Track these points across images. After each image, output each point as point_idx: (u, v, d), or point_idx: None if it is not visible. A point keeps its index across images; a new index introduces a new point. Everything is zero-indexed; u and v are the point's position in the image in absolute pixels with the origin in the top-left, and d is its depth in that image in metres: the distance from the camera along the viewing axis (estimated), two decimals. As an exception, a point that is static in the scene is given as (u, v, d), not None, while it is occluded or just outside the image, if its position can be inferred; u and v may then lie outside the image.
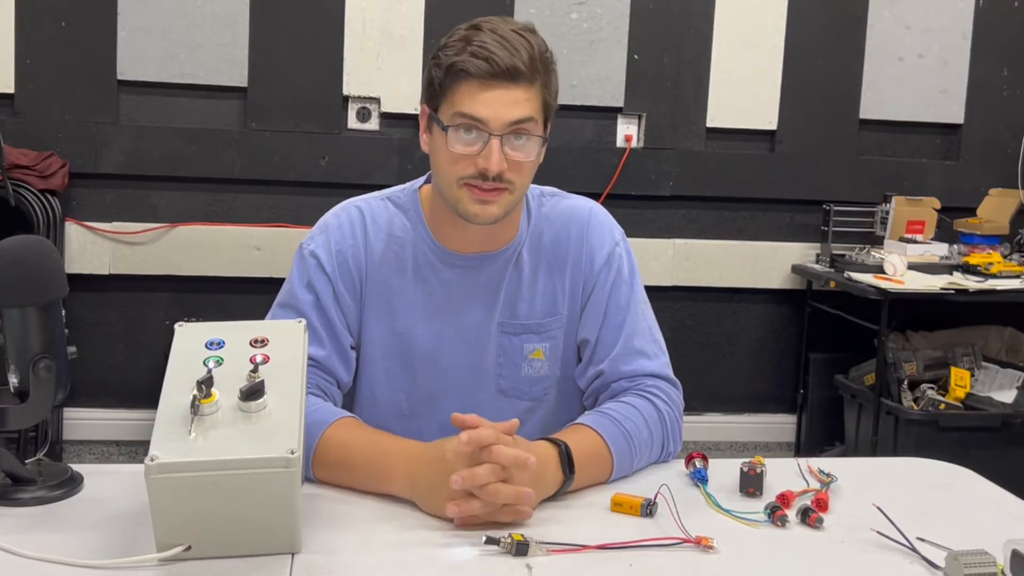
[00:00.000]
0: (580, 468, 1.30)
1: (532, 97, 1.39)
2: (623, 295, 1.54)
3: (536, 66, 1.39)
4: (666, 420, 1.47)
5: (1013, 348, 3.55)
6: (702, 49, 3.58)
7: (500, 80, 1.36)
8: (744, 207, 3.68)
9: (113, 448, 3.43)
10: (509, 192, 1.41)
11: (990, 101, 3.74)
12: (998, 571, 1.06)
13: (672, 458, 1.49)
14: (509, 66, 1.35)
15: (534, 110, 1.39)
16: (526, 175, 1.43)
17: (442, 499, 1.19)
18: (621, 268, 1.56)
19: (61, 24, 3.26)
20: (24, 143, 3.19)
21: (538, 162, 1.46)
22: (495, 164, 1.36)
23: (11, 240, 1.20)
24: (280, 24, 3.34)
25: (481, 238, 1.49)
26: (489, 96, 1.36)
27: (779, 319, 3.75)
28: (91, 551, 1.09)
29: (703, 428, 3.71)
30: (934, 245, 3.49)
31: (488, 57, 1.35)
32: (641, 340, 1.53)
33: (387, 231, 1.51)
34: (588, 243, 1.54)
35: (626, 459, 1.39)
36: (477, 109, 1.36)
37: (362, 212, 1.52)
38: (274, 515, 1.09)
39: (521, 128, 1.38)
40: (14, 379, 1.22)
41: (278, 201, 3.40)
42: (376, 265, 1.50)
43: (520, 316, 1.52)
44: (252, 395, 1.09)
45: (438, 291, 1.50)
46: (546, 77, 1.42)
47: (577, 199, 1.59)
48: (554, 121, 1.49)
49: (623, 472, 1.39)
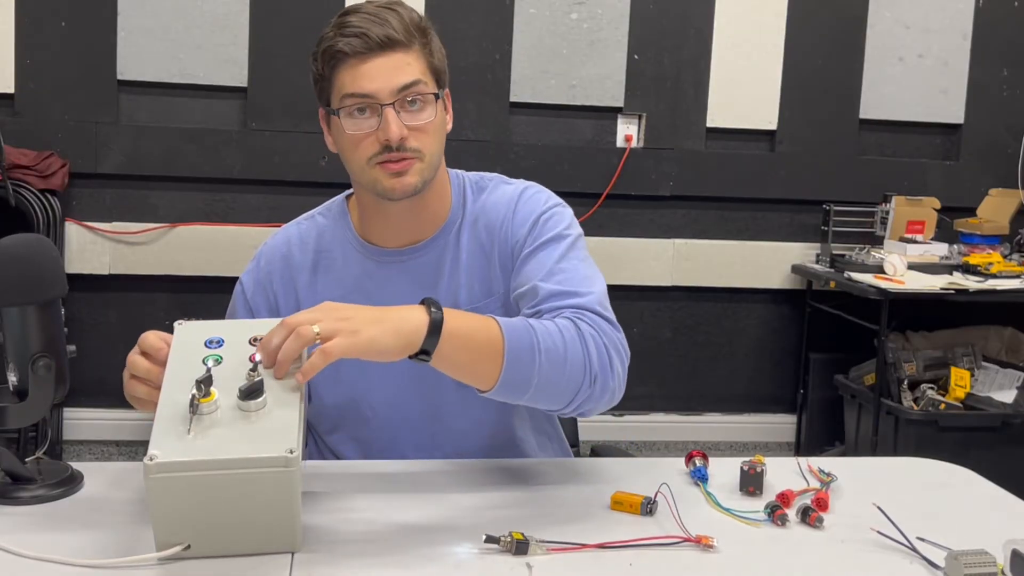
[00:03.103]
0: (454, 327, 1.18)
1: (413, 60, 1.39)
2: (550, 246, 1.44)
3: (410, 31, 1.39)
4: (587, 340, 1.29)
5: (1013, 348, 3.55)
6: (702, 49, 3.58)
7: (376, 51, 1.37)
8: (744, 207, 3.68)
9: (112, 448, 3.43)
10: (419, 160, 1.40)
11: (990, 101, 3.74)
12: (998, 571, 1.06)
13: (606, 395, 1.31)
14: (382, 36, 1.36)
15: (420, 72, 1.39)
16: (432, 139, 1.41)
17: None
18: (549, 228, 1.47)
19: (61, 24, 3.26)
20: (24, 143, 3.19)
21: (444, 126, 1.45)
22: (394, 132, 1.36)
23: (11, 239, 1.20)
24: (280, 24, 3.34)
25: (411, 224, 1.47)
26: (370, 68, 1.37)
27: (779, 319, 3.75)
28: (90, 550, 1.09)
29: (703, 428, 3.71)
30: (934, 245, 3.49)
31: (359, 33, 1.36)
32: (565, 284, 1.39)
33: (315, 248, 1.53)
34: (516, 218, 1.49)
35: (524, 350, 1.23)
36: (362, 84, 1.37)
37: (288, 239, 1.54)
38: (273, 514, 1.08)
39: (411, 92, 1.38)
40: (13, 378, 1.22)
41: (278, 201, 3.40)
42: (308, 287, 1.51)
43: (461, 303, 1.48)
44: (251, 394, 1.09)
45: (376, 293, 1.48)
46: (424, 39, 1.41)
47: (516, 183, 1.57)
48: (554, 121, 1.49)
49: (523, 368, 1.23)
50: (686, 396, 3.72)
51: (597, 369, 1.29)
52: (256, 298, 1.53)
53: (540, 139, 3.53)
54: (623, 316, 1.39)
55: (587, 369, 1.28)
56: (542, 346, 1.24)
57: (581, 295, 1.37)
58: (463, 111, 3.39)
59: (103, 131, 3.30)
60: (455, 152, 1.55)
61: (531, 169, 3.41)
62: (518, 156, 3.48)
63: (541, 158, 3.49)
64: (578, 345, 1.28)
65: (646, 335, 3.66)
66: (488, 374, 1.23)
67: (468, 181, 1.56)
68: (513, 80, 3.48)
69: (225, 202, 3.41)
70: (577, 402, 1.30)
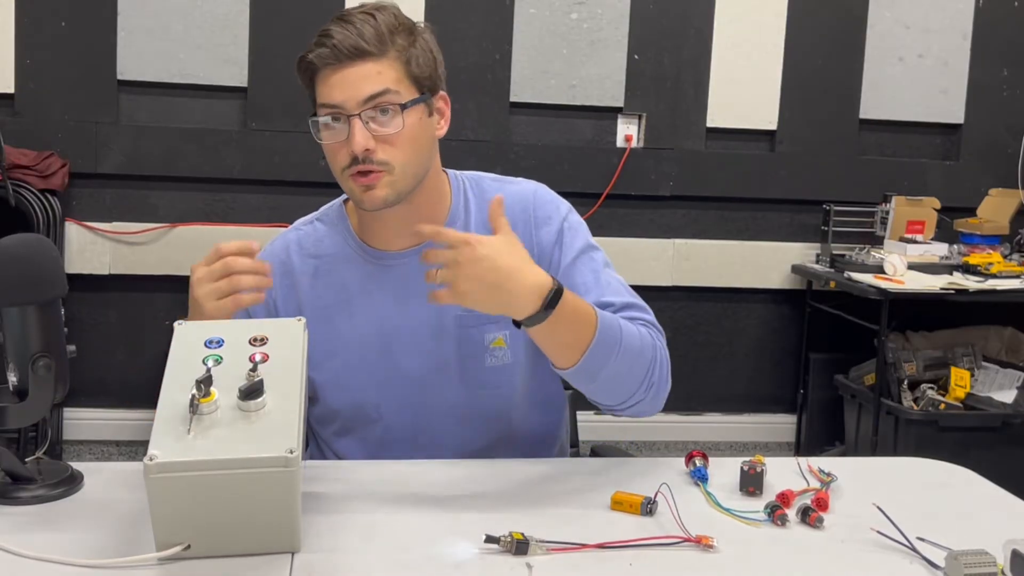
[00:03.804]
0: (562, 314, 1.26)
1: (385, 69, 1.38)
2: (587, 268, 1.50)
3: (383, 38, 1.38)
4: (658, 346, 1.41)
5: (1013, 348, 3.55)
6: (702, 49, 3.58)
7: (346, 61, 1.37)
8: (744, 207, 3.68)
9: (113, 448, 3.43)
10: (387, 173, 1.39)
11: (990, 101, 3.74)
12: (998, 571, 1.06)
13: (656, 404, 1.43)
14: (351, 46, 1.36)
15: (391, 81, 1.38)
16: (402, 151, 1.40)
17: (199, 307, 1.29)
18: (574, 242, 1.52)
19: (61, 24, 3.26)
20: (24, 143, 3.19)
21: (424, 134, 1.43)
22: (358, 143, 1.36)
23: (10, 238, 1.20)
24: (280, 24, 3.34)
25: (408, 228, 1.45)
26: (339, 79, 1.37)
27: (779, 319, 3.75)
28: (90, 550, 1.09)
29: (703, 428, 3.71)
30: (934, 245, 3.49)
31: (330, 44, 1.37)
32: (629, 296, 1.49)
33: (315, 254, 1.53)
34: (537, 223, 1.51)
35: (608, 347, 1.32)
36: (332, 95, 1.38)
37: (287, 246, 1.54)
38: (274, 514, 1.08)
39: (380, 101, 1.37)
40: (13, 378, 1.22)
41: (278, 201, 3.40)
42: (310, 290, 1.51)
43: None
44: (251, 394, 1.09)
45: (379, 295, 1.49)
46: (403, 44, 1.40)
47: (521, 182, 1.58)
48: (554, 121, 1.49)
49: (598, 362, 1.32)
50: (686, 396, 3.72)
51: (656, 378, 1.41)
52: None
53: (540, 139, 3.53)
54: (623, 316, 1.40)
55: (648, 375, 1.39)
56: (624, 343, 1.34)
57: (646, 310, 1.47)
58: (463, 111, 3.39)
59: (103, 131, 3.30)
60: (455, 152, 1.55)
61: (531, 169, 3.41)
62: (518, 156, 3.48)
63: (541, 158, 3.49)
64: (650, 349, 1.40)
65: (646, 335, 3.65)
66: (571, 357, 1.32)
67: (467, 181, 1.56)
68: (513, 80, 3.48)
69: (225, 202, 3.41)
70: (632, 402, 1.41)
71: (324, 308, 1.50)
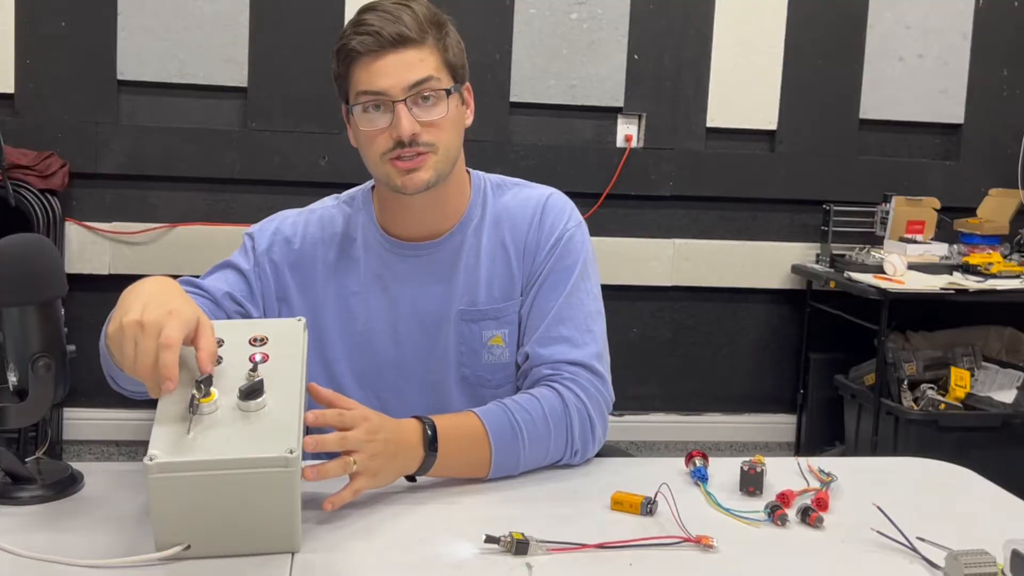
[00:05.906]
0: (447, 450, 1.30)
1: (426, 56, 1.41)
2: (562, 280, 1.50)
3: (424, 27, 1.41)
4: (572, 415, 1.40)
5: (1013, 348, 3.55)
6: (702, 49, 3.58)
7: (389, 49, 1.39)
8: (744, 207, 3.68)
9: (113, 448, 3.43)
10: (432, 154, 1.42)
11: (990, 101, 3.74)
12: (998, 571, 1.06)
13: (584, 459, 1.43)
14: (394, 33, 1.38)
15: (433, 68, 1.41)
16: (446, 133, 1.43)
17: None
18: (567, 254, 1.52)
19: (61, 24, 3.26)
20: (24, 143, 3.19)
21: (461, 121, 1.48)
22: (406, 128, 1.39)
23: (10, 239, 1.20)
24: (280, 24, 3.34)
25: (429, 218, 1.50)
26: (382, 66, 1.39)
27: (779, 319, 3.75)
28: (90, 550, 1.09)
29: (703, 428, 3.71)
30: (934, 245, 3.49)
31: (373, 31, 1.39)
32: (569, 327, 1.48)
33: (341, 232, 1.55)
34: (541, 227, 1.53)
35: (511, 452, 1.35)
36: (375, 82, 1.39)
37: (308, 220, 1.56)
38: (273, 514, 1.08)
39: (424, 88, 1.40)
40: (13, 378, 1.22)
41: (278, 201, 3.37)
42: (332, 271, 1.52)
43: (479, 303, 1.51)
44: (251, 394, 1.09)
45: (394, 286, 1.52)
46: (439, 34, 1.43)
47: (539, 187, 1.59)
48: (554, 121, 1.50)
49: (508, 465, 1.36)
50: (686, 396, 3.72)
51: (579, 445, 1.41)
52: (263, 265, 1.53)
53: (540, 139, 3.53)
54: (623, 316, 1.41)
55: (569, 443, 1.41)
56: (526, 436, 1.36)
57: (578, 346, 1.46)
58: (463, 111, 3.38)
59: (103, 131, 3.30)
60: (455, 152, 1.55)
61: (531, 169, 3.41)
62: (518, 156, 3.48)
63: (541, 158, 3.49)
64: (563, 424, 1.40)
65: (646, 335, 3.66)
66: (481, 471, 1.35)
67: (489, 182, 1.58)
68: (513, 80, 3.48)
69: (225, 202, 3.41)
70: (562, 464, 1.42)
71: (342, 287, 1.52)
